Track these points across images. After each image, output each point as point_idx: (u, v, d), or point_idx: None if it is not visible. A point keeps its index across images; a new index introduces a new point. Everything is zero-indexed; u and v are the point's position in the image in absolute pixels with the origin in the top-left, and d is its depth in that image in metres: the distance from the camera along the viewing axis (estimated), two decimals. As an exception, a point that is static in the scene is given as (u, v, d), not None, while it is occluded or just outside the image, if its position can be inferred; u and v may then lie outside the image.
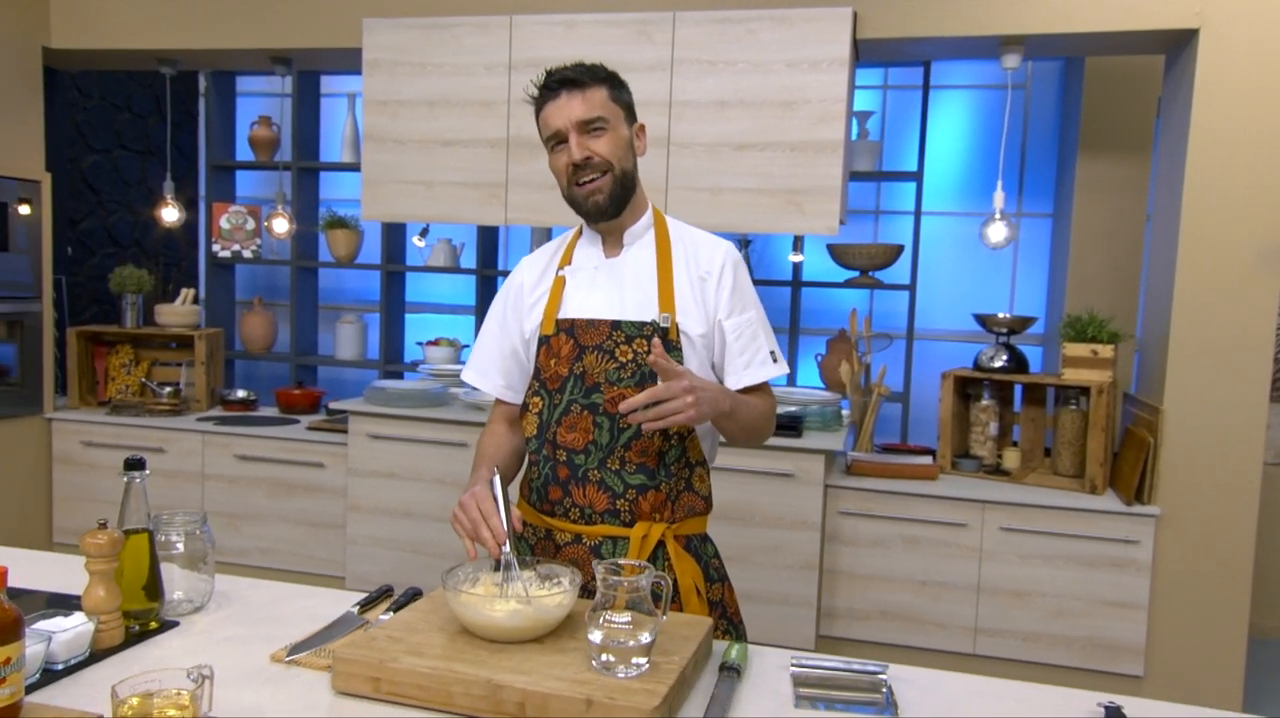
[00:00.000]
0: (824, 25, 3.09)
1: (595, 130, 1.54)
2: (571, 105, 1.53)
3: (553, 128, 1.55)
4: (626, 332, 1.57)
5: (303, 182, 4.60)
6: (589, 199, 1.56)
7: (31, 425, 3.86)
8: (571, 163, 1.54)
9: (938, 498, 3.14)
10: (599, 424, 1.55)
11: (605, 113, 1.54)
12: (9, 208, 3.72)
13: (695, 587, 1.57)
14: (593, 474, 1.55)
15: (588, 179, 1.54)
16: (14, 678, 1.06)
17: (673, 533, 1.58)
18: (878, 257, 4.03)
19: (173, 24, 3.75)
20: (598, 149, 1.53)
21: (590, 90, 1.54)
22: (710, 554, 1.66)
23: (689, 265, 1.60)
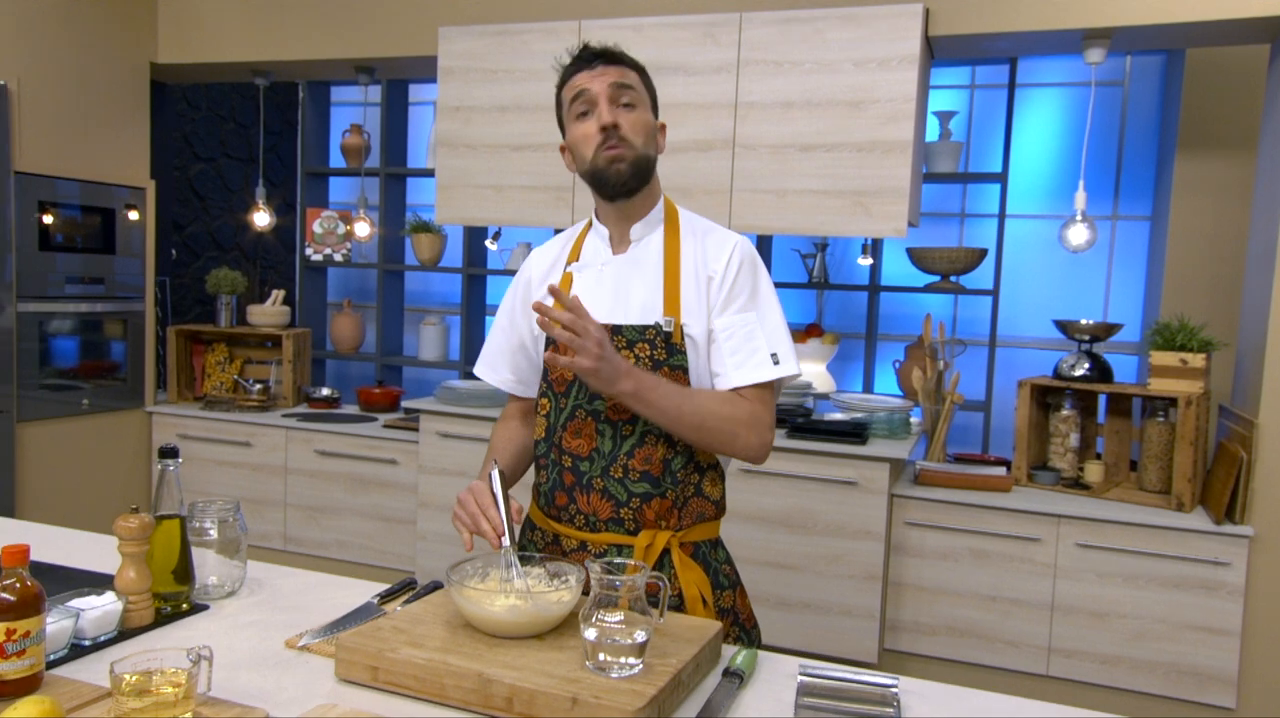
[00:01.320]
0: (894, 23, 3.01)
1: (626, 105, 1.51)
2: (606, 75, 1.51)
3: (580, 87, 1.51)
4: (628, 336, 1.52)
5: (390, 187, 4.75)
6: (611, 165, 1.50)
7: (134, 418, 4.10)
8: (601, 126, 1.49)
9: (1010, 511, 3.02)
10: (601, 432, 1.52)
11: (637, 88, 1.53)
12: (117, 213, 3.97)
13: (701, 596, 1.53)
14: (596, 482, 1.53)
15: (612, 145, 1.49)
16: (34, 651, 1.13)
17: (679, 540, 1.54)
18: (958, 261, 3.90)
19: (266, 37, 3.93)
20: (624, 124, 1.49)
21: (624, 67, 1.53)
22: (721, 560, 1.62)
23: (697, 262, 1.55)
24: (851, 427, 3.15)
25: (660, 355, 1.51)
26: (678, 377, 1.51)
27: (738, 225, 3.24)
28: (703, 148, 3.25)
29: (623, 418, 1.52)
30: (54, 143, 3.69)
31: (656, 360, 1.51)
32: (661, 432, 1.51)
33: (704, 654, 1.30)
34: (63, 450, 3.76)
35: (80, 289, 3.83)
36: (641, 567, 1.25)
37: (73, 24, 3.75)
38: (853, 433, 3.12)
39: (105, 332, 3.97)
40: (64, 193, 3.74)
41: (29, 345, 3.64)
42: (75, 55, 3.76)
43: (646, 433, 1.51)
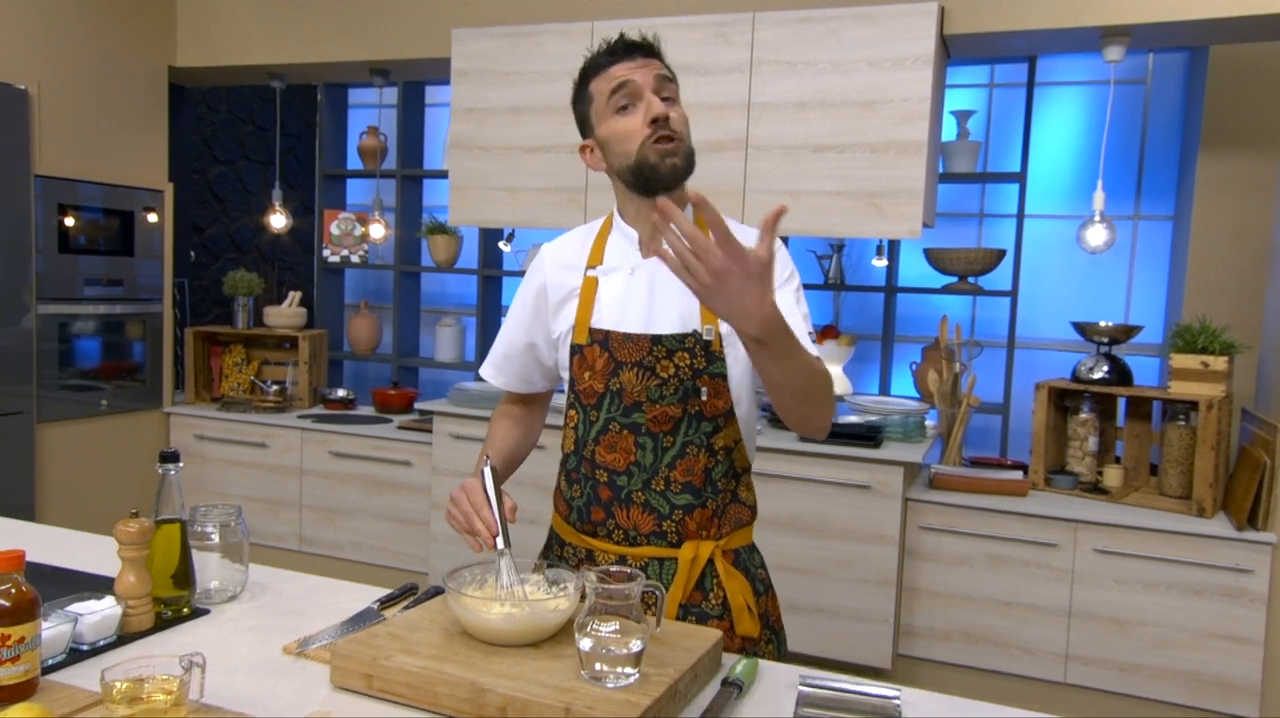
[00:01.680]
0: (908, 22, 2.98)
1: (668, 99, 1.46)
2: (649, 68, 1.45)
3: (622, 78, 1.43)
4: (668, 346, 1.46)
5: (407, 189, 4.77)
6: (665, 159, 1.42)
7: (152, 419, 4.13)
8: (653, 118, 1.41)
9: (1026, 516, 2.98)
10: (641, 445, 1.47)
11: (677, 84, 1.49)
12: (136, 216, 4.00)
13: (747, 605, 1.50)
14: (637, 496, 1.48)
15: (665, 137, 1.42)
16: (29, 656, 1.13)
17: (721, 549, 1.50)
18: (976, 262, 3.86)
19: (282, 40, 3.96)
20: (674, 114, 1.44)
21: (663, 64, 1.49)
22: (757, 565, 1.59)
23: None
24: (865, 430, 3.12)
25: (700, 364, 1.46)
26: (717, 384, 1.46)
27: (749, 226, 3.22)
28: (715, 149, 3.23)
29: (663, 429, 1.47)
30: (74, 146, 3.73)
31: (697, 369, 1.46)
32: (703, 441, 1.47)
33: (703, 664, 1.29)
34: (81, 451, 3.80)
35: (99, 291, 3.87)
36: (637, 575, 1.24)
37: (92, 29, 3.78)
38: (866, 436, 3.09)
39: (124, 333, 4.01)
40: (84, 195, 3.78)
41: (49, 347, 3.68)
42: (95, 60, 3.80)
43: (687, 443, 1.47)
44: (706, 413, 1.47)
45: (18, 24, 3.51)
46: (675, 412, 1.47)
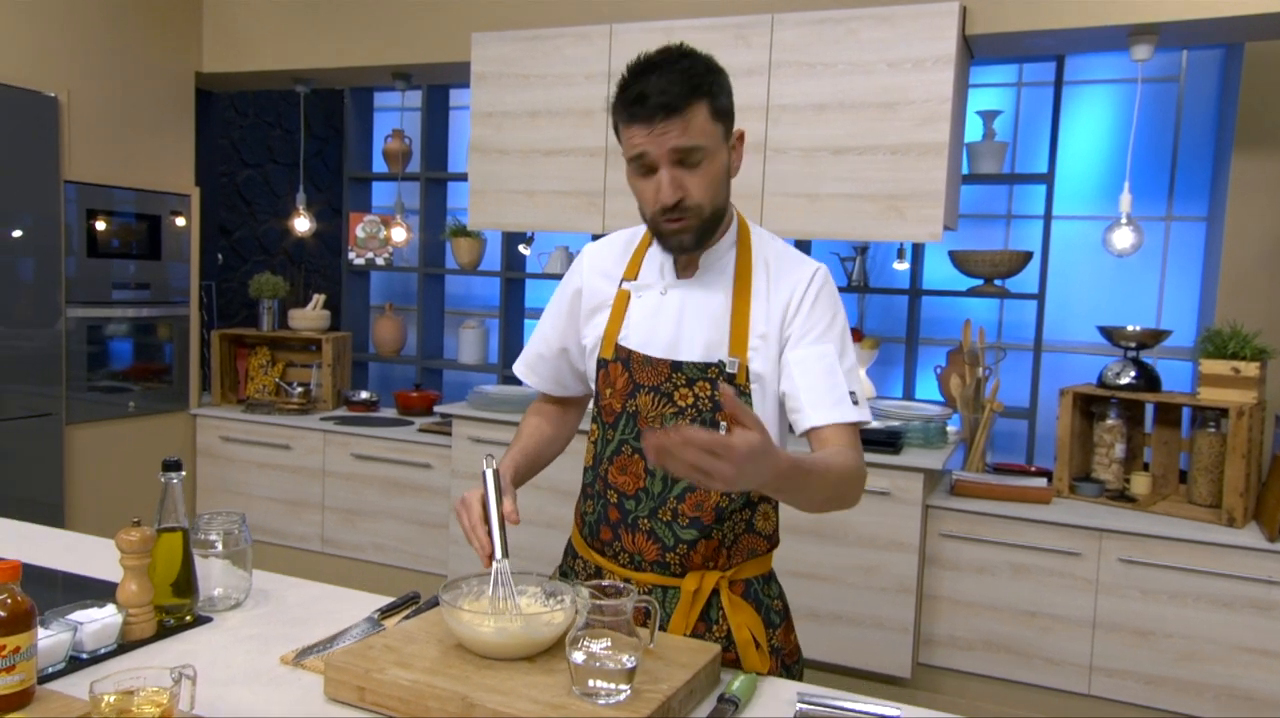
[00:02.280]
0: (929, 22, 2.94)
1: (691, 164, 1.32)
2: (667, 135, 1.29)
3: (639, 150, 1.32)
4: (688, 374, 1.41)
5: (431, 192, 4.79)
6: (673, 237, 1.37)
7: (179, 420, 4.19)
8: (662, 205, 1.33)
9: (1050, 524, 2.92)
10: (651, 473, 1.42)
11: (705, 140, 1.31)
12: (163, 220, 4.05)
13: (753, 638, 1.42)
14: (643, 523, 1.44)
15: (674, 218, 1.34)
16: (24, 666, 1.14)
17: (729, 579, 1.44)
18: (1002, 264, 3.79)
19: (306, 45, 3.99)
20: (691, 188, 1.33)
21: (690, 113, 1.29)
22: (773, 596, 1.51)
23: (770, 292, 1.41)
24: (885, 435, 3.08)
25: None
26: None
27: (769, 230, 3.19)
28: (734, 152, 3.20)
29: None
30: (102, 152, 3.78)
31: (717, 403, 1.40)
32: None
33: (699, 681, 1.27)
34: (109, 452, 3.85)
35: (128, 294, 3.93)
36: (630, 590, 1.22)
37: (120, 36, 3.84)
38: (886, 442, 3.05)
39: (151, 335, 4.07)
40: (112, 200, 3.83)
41: (77, 349, 3.74)
42: (123, 67, 3.85)
43: None
44: None
45: (48, 33, 3.57)
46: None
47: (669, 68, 1.31)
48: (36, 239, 3.54)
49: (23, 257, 3.52)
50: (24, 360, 3.55)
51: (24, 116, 3.48)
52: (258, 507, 4.09)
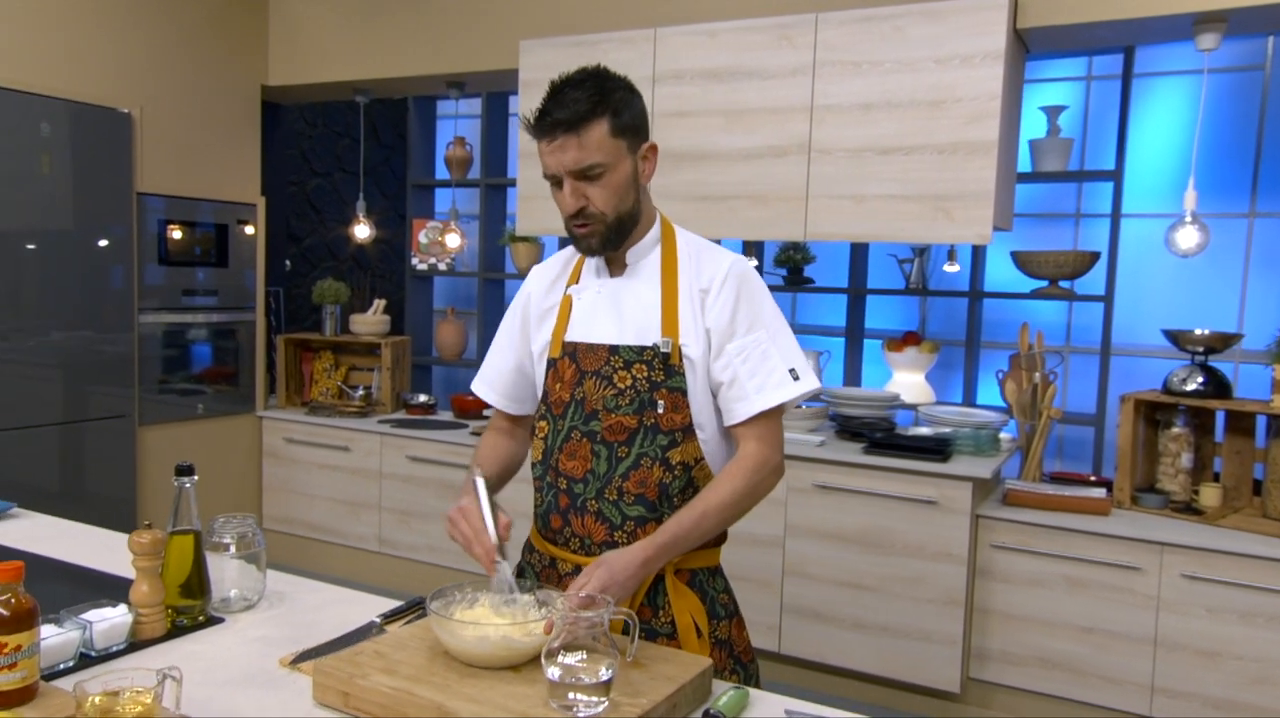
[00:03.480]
0: (977, 17, 2.85)
1: (591, 177, 1.44)
2: (565, 152, 1.43)
3: (547, 169, 1.47)
4: (624, 357, 1.50)
5: (491, 197, 4.85)
6: (581, 242, 1.51)
7: (246, 422, 4.33)
8: (566, 214, 1.49)
9: (1108, 537, 2.80)
10: (596, 453, 1.50)
11: (602, 156, 1.43)
12: (230, 228, 4.21)
13: (695, 625, 1.48)
14: (591, 504, 1.50)
15: (580, 224, 1.48)
16: (27, 663, 1.19)
17: (674, 567, 1.49)
18: (1066, 265, 3.65)
19: (364, 56, 4.09)
20: (593, 198, 1.45)
21: (587, 131, 1.42)
22: (719, 589, 1.56)
23: (692, 281, 1.52)
24: (933, 443, 2.99)
25: (658, 377, 1.49)
26: (675, 399, 1.48)
27: (813, 233, 3.14)
28: (778, 154, 3.16)
29: (618, 439, 1.49)
30: (173, 164, 3.95)
31: (654, 382, 1.48)
32: (658, 454, 1.48)
33: (683, 694, 1.25)
34: (179, 452, 4.01)
35: (197, 300, 4.08)
36: (606, 601, 1.21)
37: (191, 54, 3.99)
38: (934, 449, 2.97)
39: (219, 340, 4.22)
40: (182, 210, 3.99)
41: (149, 354, 3.90)
42: (193, 82, 4.01)
43: (642, 455, 1.48)
44: (663, 426, 1.48)
45: (121, 53, 3.74)
46: (630, 422, 1.48)
47: (573, 89, 1.43)
48: (110, 249, 3.71)
49: (101, 265, 3.70)
50: (102, 364, 3.72)
51: (101, 133, 3.66)
52: (319, 507, 4.20)
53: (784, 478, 3.06)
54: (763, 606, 3.22)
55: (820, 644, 3.14)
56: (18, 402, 3.46)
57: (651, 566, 1.41)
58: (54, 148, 3.49)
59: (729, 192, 3.24)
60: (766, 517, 3.18)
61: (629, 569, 1.37)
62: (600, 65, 1.50)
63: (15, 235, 3.41)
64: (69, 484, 3.64)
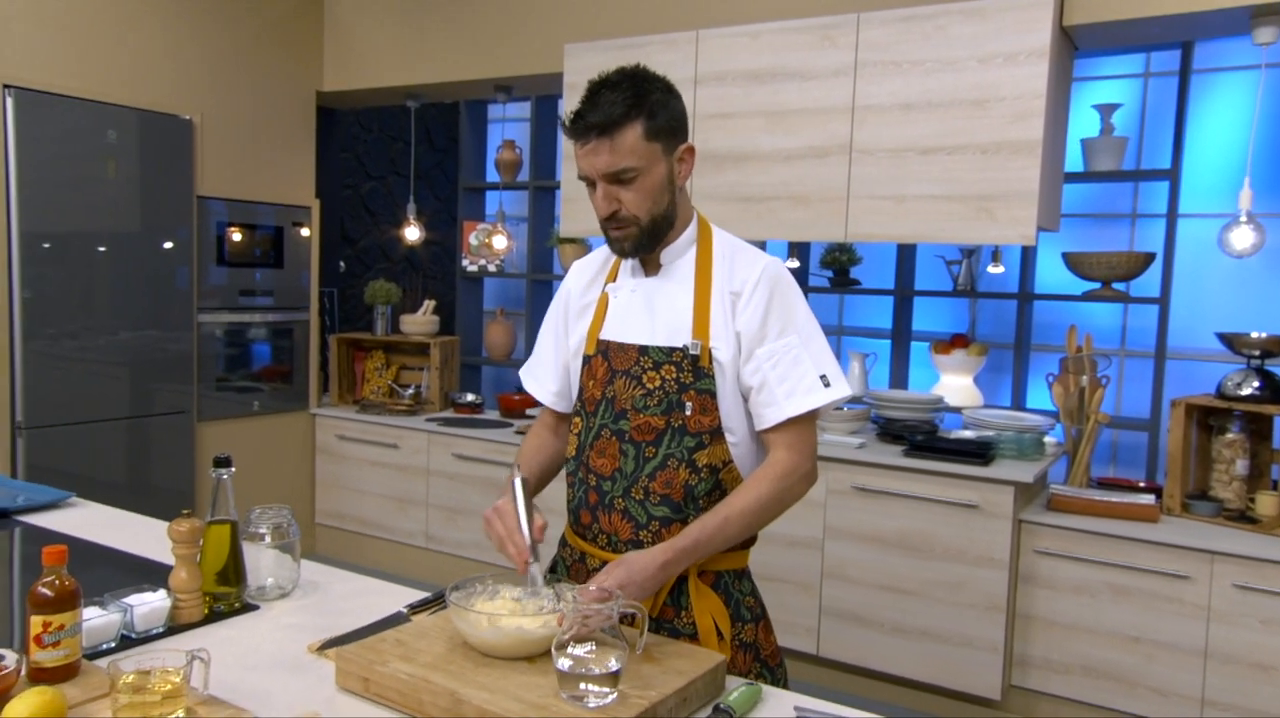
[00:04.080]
0: (1021, 15, 2.81)
1: (624, 180, 1.45)
2: (599, 155, 1.43)
3: (581, 172, 1.48)
4: (654, 357, 1.50)
5: (539, 199, 4.92)
6: (615, 244, 1.52)
7: (299, 420, 4.45)
8: (600, 217, 1.50)
9: (1155, 544, 2.73)
10: (624, 452, 1.51)
11: (635, 160, 1.43)
12: (285, 231, 4.33)
13: (716, 628, 1.48)
14: (618, 502, 1.51)
15: (615, 226, 1.49)
16: (69, 642, 1.25)
17: (698, 568, 1.49)
18: (1119, 266, 3.58)
19: (414, 62, 4.18)
20: (626, 201, 1.45)
21: (620, 135, 1.42)
22: (745, 592, 1.55)
23: (728, 282, 1.51)
24: (975, 446, 2.95)
25: (686, 379, 1.49)
26: (704, 401, 1.48)
27: (854, 233, 3.13)
28: (819, 154, 3.15)
29: (646, 439, 1.50)
30: (231, 168, 4.08)
31: (683, 383, 1.48)
32: (684, 455, 1.48)
33: (694, 688, 1.26)
34: (236, 447, 4.14)
35: (253, 301, 4.21)
36: (615, 594, 1.23)
37: (249, 61, 4.12)
38: (975, 453, 2.93)
39: (275, 340, 4.35)
40: (240, 213, 4.12)
41: (207, 352, 4.04)
42: (251, 89, 4.14)
43: (669, 456, 1.49)
44: (690, 428, 1.48)
45: (183, 62, 3.87)
46: (658, 423, 1.49)
47: (609, 91, 1.43)
48: (172, 251, 3.85)
49: (167, 267, 3.84)
50: (165, 362, 3.87)
51: (164, 138, 3.80)
52: (369, 503, 4.30)
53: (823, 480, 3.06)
54: (801, 608, 3.21)
55: (859, 648, 3.12)
56: (88, 397, 3.61)
57: (670, 568, 1.41)
58: (120, 154, 3.64)
59: (770, 193, 3.24)
60: (805, 519, 3.17)
61: (647, 570, 1.38)
62: (639, 65, 1.49)
63: (87, 238, 3.57)
64: (133, 476, 3.78)
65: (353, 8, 4.33)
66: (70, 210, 3.50)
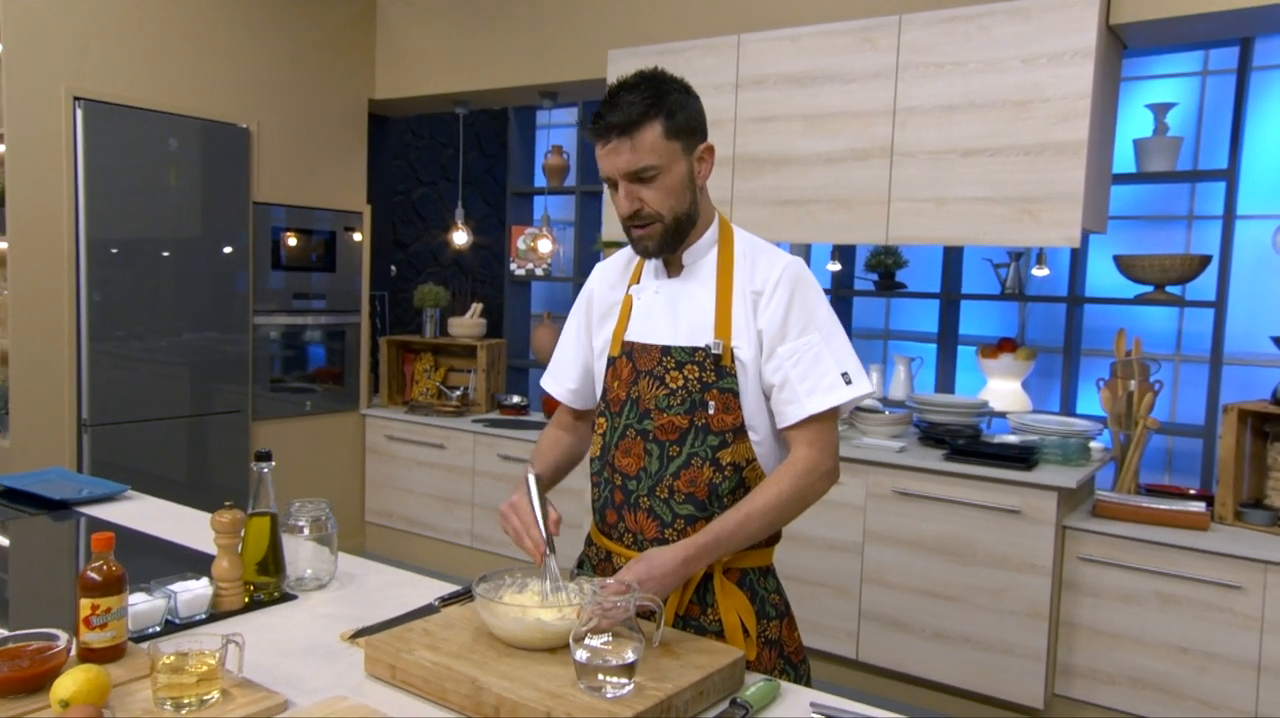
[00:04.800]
0: (1067, 14, 2.77)
1: (645, 179, 1.46)
2: (619, 155, 1.45)
3: (603, 172, 1.50)
4: (676, 357, 1.52)
5: (585, 204, 4.97)
6: (639, 244, 1.54)
7: (350, 420, 4.56)
8: (621, 216, 1.51)
9: (1205, 553, 2.67)
10: (649, 451, 1.53)
11: (656, 159, 1.45)
12: (338, 235, 4.44)
13: (742, 625, 1.49)
14: (643, 501, 1.53)
15: (637, 225, 1.51)
16: (115, 624, 1.31)
17: (723, 566, 1.51)
18: (1173, 269, 3.50)
19: (462, 69, 4.26)
20: (647, 200, 1.47)
21: (640, 134, 1.44)
22: (770, 589, 1.56)
23: (749, 282, 1.52)
24: (1017, 450, 2.91)
25: (709, 378, 1.50)
26: (727, 399, 1.49)
27: (895, 237, 3.11)
28: (859, 157, 3.14)
29: (669, 438, 1.52)
30: (285, 175, 4.20)
31: (705, 383, 1.50)
32: (708, 454, 1.50)
33: (711, 682, 1.28)
34: (289, 446, 4.26)
35: (306, 304, 4.33)
36: (632, 587, 1.26)
37: (304, 71, 4.25)
38: (1018, 458, 2.89)
39: (327, 341, 4.46)
40: (293, 219, 4.24)
41: (262, 353, 4.16)
42: (305, 98, 4.26)
43: (693, 455, 1.50)
44: (714, 427, 1.49)
45: (241, 72, 4.01)
46: (682, 422, 1.50)
47: (628, 93, 1.45)
48: (230, 255, 3.98)
49: (227, 271, 3.97)
50: (223, 363, 4.00)
51: (222, 146, 3.93)
52: (416, 502, 4.39)
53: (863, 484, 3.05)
54: (841, 612, 3.19)
55: (899, 653, 3.10)
56: (150, 396, 3.75)
57: (692, 564, 1.43)
58: (180, 161, 3.78)
59: (810, 196, 3.24)
60: (845, 523, 3.16)
61: (668, 566, 1.39)
62: (658, 68, 1.51)
63: (152, 244, 3.71)
64: (191, 472, 3.91)
65: (404, 17, 4.43)
66: (135, 217, 3.65)
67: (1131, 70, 3.94)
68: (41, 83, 3.37)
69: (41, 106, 3.38)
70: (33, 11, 3.33)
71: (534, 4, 4.02)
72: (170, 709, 1.17)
